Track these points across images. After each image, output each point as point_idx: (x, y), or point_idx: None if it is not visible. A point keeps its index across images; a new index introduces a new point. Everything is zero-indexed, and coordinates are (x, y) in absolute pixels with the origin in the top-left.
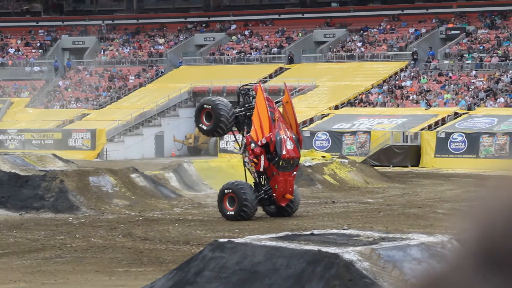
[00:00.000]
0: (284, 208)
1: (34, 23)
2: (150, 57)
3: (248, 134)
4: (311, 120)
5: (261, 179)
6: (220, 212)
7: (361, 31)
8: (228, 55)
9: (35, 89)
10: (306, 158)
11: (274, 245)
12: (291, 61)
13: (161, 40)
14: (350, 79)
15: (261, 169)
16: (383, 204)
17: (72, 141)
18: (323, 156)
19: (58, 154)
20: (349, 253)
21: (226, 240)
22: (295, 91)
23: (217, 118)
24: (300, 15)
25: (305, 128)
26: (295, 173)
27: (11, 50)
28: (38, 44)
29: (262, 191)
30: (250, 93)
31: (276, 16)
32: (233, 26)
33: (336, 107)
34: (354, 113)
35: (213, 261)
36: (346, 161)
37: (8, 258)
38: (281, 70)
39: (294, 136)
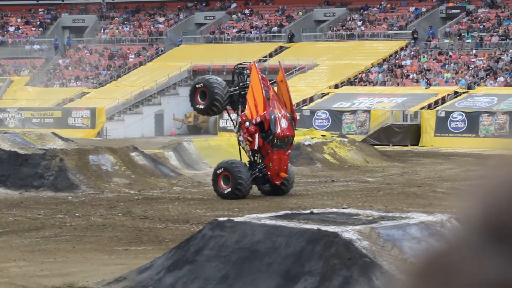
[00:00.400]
0: (278, 186)
1: (34, 2)
2: (150, 36)
3: (242, 113)
4: (311, 99)
5: (256, 157)
6: (215, 191)
7: (361, 10)
8: (228, 33)
9: (35, 67)
10: (306, 137)
11: (274, 224)
12: (291, 39)
13: (161, 19)
14: (350, 58)
15: (256, 148)
16: (382, 183)
17: (72, 119)
18: (322, 135)
19: (58, 132)
20: (348, 232)
21: (225, 219)
22: (295, 70)
23: (211, 96)
24: None
25: (305, 107)
26: (289, 151)
27: (11, 29)
28: (38, 23)
29: (257, 170)
30: (245, 72)
31: None
32: (233, 5)
33: (336, 86)
34: (354, 92)
35: (213, 240)
36: (346, 140)
37: (7, 236)
38: (281, 49)
39: (288, 115)
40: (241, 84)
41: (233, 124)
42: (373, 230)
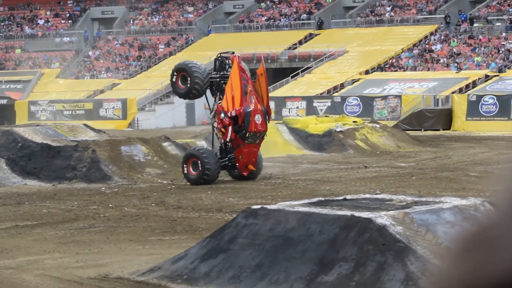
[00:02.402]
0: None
1: None
2: (179, 26)
3: (219, 103)
4: (342, 86)
5: (227, 146)
6: (184, 176)
7: None
8: (257, 22)
9: (65, 59)
10: (338, 124)
11: (307, 211)
12: (320, 26)
13: (190, 8)
14: (380, 44)
15: (228, 139)
16: (415, 168)
17: (103, 111)
18: (354, 121)
19: (90, 124)
20: (382, 218)
21: (259, 207)
22: (325, 57)
23: (192, 81)
24: None
25: (335, 94)
26: (260, 145)
27: (41, 21)
28: (68, 15)
29: (227, 158)
30: (227, 61)
31: None
32: None
33: (367, 72)
34: (385, 77)
35: (247, 228)
36: (378, 125)
37: (42, 228)
38: (310, 36)
39: (263, 109)
40: (222, 72)
41: (209, 109)
42: (406, 215)
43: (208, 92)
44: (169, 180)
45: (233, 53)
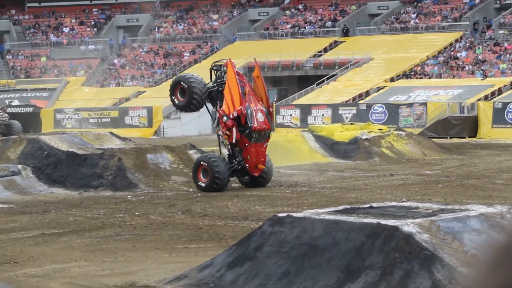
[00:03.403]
0: (257, 178)
1: (88, 2)
2: (204, 33)
3: (220, 108)
4: (367, 93)
5: (235, 151)
6: (194, 183)
7: (415, 3)
8: (282, 29)
9: (90, 67)
10: (363, 131)
11: (333, 219)
12: (345, 34)
13: (215, 16)
14: (405, 51)
15: (234, 141)
16: (441, 175)
17: (129, 118)
18: (380, 129)
19: (115, 132)
20: (408, 225)
21: (285, 214)
22: (350, 64)
23: (190, 93)
24: None
25: (361, 101)
26: (266, 144)
27: (66, 29)
28: (93, 23)
29: (236, 162)
30: (222, 68)
31: None
32: (287, 0)
33: (392, 80)
34: (410, 85)
35: (273, 236)
36: (403, 133)
37: (68, 237)
38: (335, 44)
39: (264, 109)
40: (218, 80)
41: (212, 119)
42: (433, 223)
43: (209, 104)
44: (195, 188)
45: (227, 59)
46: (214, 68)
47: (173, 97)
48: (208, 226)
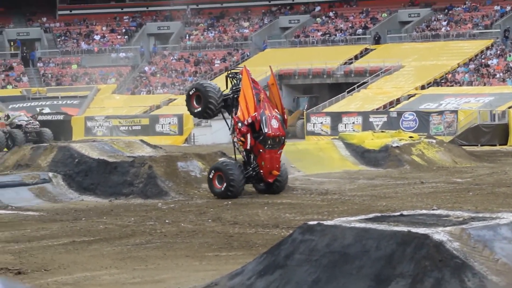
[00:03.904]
0: (272, 184)
1: (119, 10)
2: (235, 41)
3: (236, 115)
4: (398, 101)
5: (249, 157)
6: (210, 189)
7: (446, 10)
8: (313, 37)
9: (121, 75)
10: (394, 139)
11: (364, 227)
12: (377, 41)
13: (246, 24)
14: (435, 59)
15: (248, 147)
16: (472, 183)
17: (160, 126)
18: (410, 137)
19: (146, 139)
20: (439, 234)
21: (315, 222)
22: (381, 72)
23: (206, 100)
24: None
25: (392, 109)
26: (281, 151)
27: (97, 37)
28: (124, 31)
29: (250, 169)
30: (238, 76)
31: None
32: (318, 8)
33: (423, 87)
34: (441, 92)
35: (303, 244)
36: (434, 141)
37: (98, 244)
38: (366, 51)
39: (279, 116)
40: (234, 88)
41: (228, 126)
42: (463, 231)
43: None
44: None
45: (243, 67)
46: (230, 75)
47: (189, 105)
48: (239, 234)
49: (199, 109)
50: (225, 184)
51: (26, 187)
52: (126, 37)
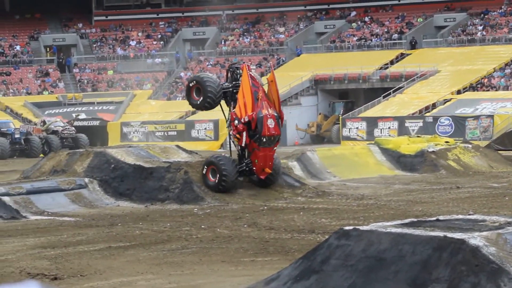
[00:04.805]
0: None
1: (155, 15)
2: (270, 46)
3: (233, 111)
4: (434, 106)
5: (244, 153)
6: (203, 183)
7: (482, 15)
8: (348, 42)
9: (157, 81)
10: (430, 144)
11: (400, 232)
12: (413, 46)
13: (282, 29)
14: (471, 63)
15: (243, 145)
16: (508, 188)
17: (195, 132)
18: (446, 142)
19: (181, 145)
20: (475, 239)
21: (351, 228)
22: (417, 77)
23: (205, 92)
24: (420, 0)
25: (427, 114)
26: (275, 148)
27: (133, 43)
28: (159, 36)
29: (244, 164)
30: (238, 71)
31: (396, 2)
32: (353, 13)
33: (459, 92)
34: (477, 97)
35: (339, 249)
36: (470, 146)
37: (134, 250)
38: (402, 56)
39: (276, 114)
40: (234, 82)
41: (225, 119)
42: (500, 236)
43: (224, 103)
44: (261, 201)
45: (244, 62)
46: (231, 69)
47: (189, 97)
48: (274, 239)
49: (199, 100)
50: (218, 178)
51: (62, 192)
52: (161, 42)
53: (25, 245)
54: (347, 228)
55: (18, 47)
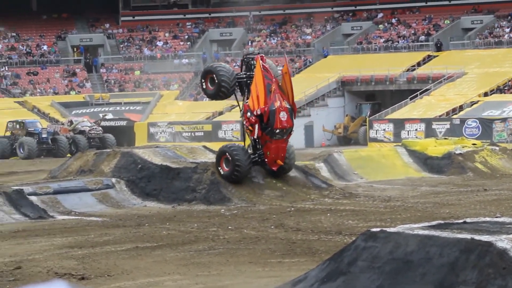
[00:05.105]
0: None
1: (182, 16)
2: (297, 47)
3: (246, 103)
4: (461, 108)
5: (256, 144)
6: (217, 172)
7: (509, 17)
8: (375, 43)
9: (184, 81)
10: (457, 146)
11: (427, 234)
12: (438, 48)
13: (308, 30)
14: (499, 66)
15: (255, 137)
16: None
17: (222, 132)
18: (473, 144)
19: (208, 146)
20: (502, 241)
21: (378, 229)
22: (444, 79)
23: (219, 82)
24: (447, 2)
25: (454, 116)
26: (288, 140)
27: (160, 43)
28: (186, 37)
29: (257, 155)
30: (252, 62)
31: (423, 4)
32: (380, 15)
33: (486, 94)
34: (504, 99)
35: (366, 251)
36: (497, 148)
37: (162, 250)
38: (429, 58)
39: (288, 106)
40: (248, 73)
41: (239, 108)
42: None
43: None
44: (288, 202)
45: (258, 53)
46: (245, 60)
47: (204, 87)
48: (301, 241)
49: (213, 90)
50: (231, 167)
51: (89, 192)
52: (188, 43)
53: (52, 245)
54: (374, 229)
55: (45, 47)
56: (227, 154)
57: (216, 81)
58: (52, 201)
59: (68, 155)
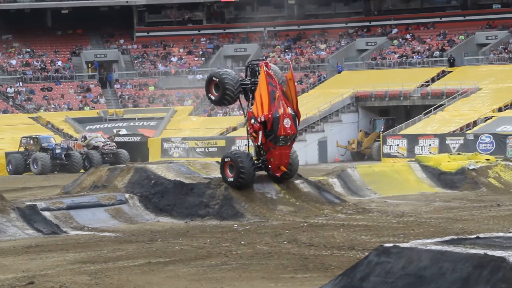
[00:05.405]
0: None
1: (196, 32)
2: (311, 63)
3: (250, 109)
4: (475, 123)
5: (260, 151)
6: (222, 178)
7: None
8: (389, 59)
9: (198, 97)
10: (470, 161)
11: (440, 249)
12: (451, 64)
13: (323, 46)
14: None
15: (259, 143)
16: None
17: (236, 148)
18: (487, 159)
19: None
20: None
21: (391, 245)
22: (458, 94)
23: (223, 88)
24: (461, 18)
25: (468, 131)
26: (291, 146)
27: (174, 59)
28: (200, 52)
29: (260, 161)
30: (257, 69)
31: (437, 19)
32: (394, 30)
33: (500, 110)
34: None
35: (379, 266)
36: (511, 163)
37: (174, 265)
38: (443, 73)
39: (292, 113)
40: (252, 79)
41: (244, 115)
42: None
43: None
44: (301, 217)
45: (263, 59)
46: (250, 66)
47: (209, 93)
48: (314, 256)
49: (217, 96)
50: (235, 174)
51: (103, 208)
52: (203, 59)
53: (65, 260)
54: (387, 245)
55: (59, 63)
56: (231, 160)
57: (220, 87)
58: (65, 217)
59: (82, 170)
